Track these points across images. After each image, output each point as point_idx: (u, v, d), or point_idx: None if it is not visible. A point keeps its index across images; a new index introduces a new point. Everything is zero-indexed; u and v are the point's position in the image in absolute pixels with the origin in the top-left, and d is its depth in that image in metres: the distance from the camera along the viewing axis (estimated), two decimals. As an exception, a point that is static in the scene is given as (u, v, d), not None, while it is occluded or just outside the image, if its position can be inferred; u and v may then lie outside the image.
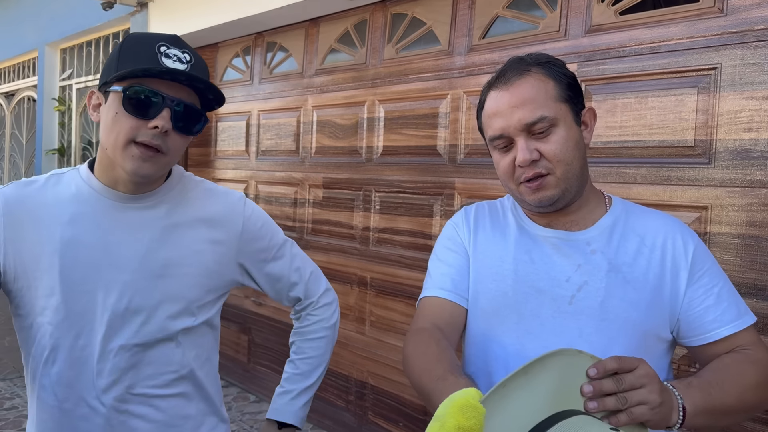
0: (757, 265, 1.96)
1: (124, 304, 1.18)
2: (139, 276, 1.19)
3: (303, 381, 1.42)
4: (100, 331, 1.18)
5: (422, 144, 3.04)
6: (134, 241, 1.19)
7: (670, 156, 2.15)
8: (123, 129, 1.10)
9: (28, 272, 1.16)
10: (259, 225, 1.35)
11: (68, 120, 6.34)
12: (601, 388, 0.84)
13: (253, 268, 1.36)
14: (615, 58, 2.29)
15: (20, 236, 1.16)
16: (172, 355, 1.25)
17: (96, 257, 1.17)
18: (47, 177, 1.22)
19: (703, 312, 1.10)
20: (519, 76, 1.09)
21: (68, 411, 1.19)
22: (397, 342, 3.17)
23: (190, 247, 1.24)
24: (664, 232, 1.14)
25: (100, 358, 1.18)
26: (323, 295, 1.46)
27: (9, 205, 1.16)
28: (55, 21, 6.08)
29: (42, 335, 1.18)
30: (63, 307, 1.16)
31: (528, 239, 1.18)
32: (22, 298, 1.18)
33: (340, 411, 3.48)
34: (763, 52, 1.94)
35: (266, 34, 4.05)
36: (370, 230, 3.32)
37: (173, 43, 1.13)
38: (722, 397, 0.99)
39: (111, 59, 1.14)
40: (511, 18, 2.69)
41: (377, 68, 3.28)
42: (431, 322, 1.17)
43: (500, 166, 1.14)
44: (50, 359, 1.18)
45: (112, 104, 1.12)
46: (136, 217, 1.20)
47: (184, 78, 1.10)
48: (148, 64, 1.08)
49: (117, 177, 1.18)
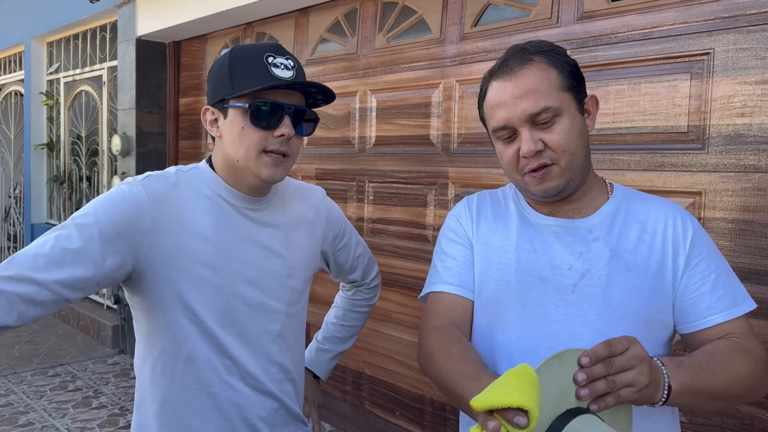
0: (751, 249, 1.97)
1: (264, 300, 1.29)
2: (267, 273, 1.29)
3: (341, 345, 1.65)
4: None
5: (415, 134, 3.03)
6: (264, 239, 1.29)
7: (664, 142, 2.15)
8: (253, 141, 1.19)
9: (167, 266, 1.19)
10: (338, 217, 1.50)
11: (56, 114, 6.28)
12: (593, 373, 0.85)
13: (330, 255, 1.52)
14: (607, 45, 2.28)
15: (164, 230, 1.18)
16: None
17: (236, 256, 1.24)
18: (175, 174, 1.25)
19: (698, 298, 1.10)
20: (521, 65, 1.08)
21: (214, 395, 1.26)
22: (392, 332, 3.18)
23: (298, 242, 1.36)
24: (664, 218, 1.14)
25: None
26: (374, 278, 1.67)
27: (157, 200, 1.18)
28: (42, 14, 6.01)
29: (180, 328, 1.22)
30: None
31: (530, 228, 1.18)
32: (152, 291, 1.21)
33: (336, 401, 3.49)
34: (755, 37, 1.94)
35: (255, 24, 4.02)
36: (364, 221, 3.31)
37: (278, 52, 1.20)
38: (711, 380, 0.99)
39: (221, 75, 1.21)
40: (503, 5, 2.67)
41: (368, 58, 3.26)
42: (448, 320, 1.17)
43: (504, 156, 1.13)
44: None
45: (235, 119, 1.20)
46: (263, 217, 1.30)
47: (299, 86, 1.20)
48: (262, 77, 1.16)
49: (244, 181, 1.25)
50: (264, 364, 1.29)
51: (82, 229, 1.10)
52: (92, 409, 3.84)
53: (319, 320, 3.49)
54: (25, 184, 6.68)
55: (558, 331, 1.09)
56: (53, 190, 6.47)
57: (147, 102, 4.70)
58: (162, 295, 1.19)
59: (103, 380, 4.35)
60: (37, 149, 6.46)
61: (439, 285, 1.22)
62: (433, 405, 3.01)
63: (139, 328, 1.27)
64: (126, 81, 4.74)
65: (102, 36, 5.49)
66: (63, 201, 6.27)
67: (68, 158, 6.14)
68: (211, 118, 1.26)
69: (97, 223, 1.11)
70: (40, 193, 6.59)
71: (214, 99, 1.24)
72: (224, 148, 1.24)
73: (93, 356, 4.86)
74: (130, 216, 1.14)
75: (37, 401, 3.93)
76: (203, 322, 1.21)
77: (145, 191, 1.17)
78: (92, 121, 5.70)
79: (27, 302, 1.04)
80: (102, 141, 5.51)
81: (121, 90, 4.81)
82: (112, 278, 1.15)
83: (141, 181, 1.19)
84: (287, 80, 1.17)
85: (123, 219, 1.13)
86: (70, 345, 5.13)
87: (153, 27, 4.47)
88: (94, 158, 5.69)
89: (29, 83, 6.43)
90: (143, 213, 1.15)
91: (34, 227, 6.50)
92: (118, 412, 3.79)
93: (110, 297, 5.37)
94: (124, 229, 1.13)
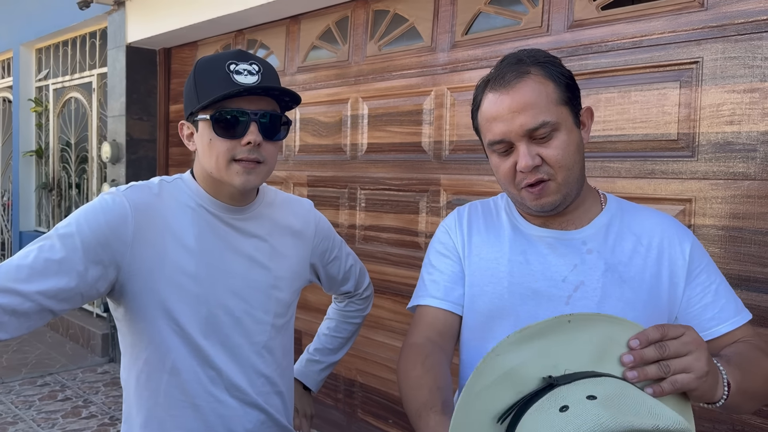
0: (741, 256, 1.98)
1: (249, 310, 1.28)
2: (252, 283, 1.28)
3: (333, 356, 1.65)
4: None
5: (407, 141, 3.04)
6: (248, 249, 1.28)
7: (654, 150, 2.17)
8: (221, 152, 1.18)
9: (150, 276, 1.18)
10: (326, 228, 1.50)
11: (45, 121, 6.23)
12: (642, 356, 0.81)
13: (320, 268, 1.50)
14: (597, 53, 2.30)
15: (147, 240, 1.17)
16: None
17: (219, 266, 1.23)
18: (158, 184, 1.25)
19: (702, 310, 1.11)
20: (518, 78, 1.06)
21: (199, 407, 1.25)
22: (385, 339, 3.17)
23: (284, 253, 1.35)
24: (660, 232, 1.14)
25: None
26: (367, 288, 1.67)
27: (139, 211, 1.17)
28: (30, 21, 5.97)
29: (163, 338, 1.21)
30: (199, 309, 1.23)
31: (522, 239, 1.17)
32: (135, 302, 1.20)
33: (329, 409, 3.47)
34: (743, 46, 1.96)
35: (246, 31, 4.01)
36: (356, 228, 3.31)
37: (240, 58, 1.18)
38: (752, 378, 0.98)
39: (189, 89, 1.22)
40: (494, 14, 2.69)
41: (360, 65, 3.27)
42: (424, 335, 1.16)
43: (500, 170, 1.11)
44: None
45: (203, 132, 1.20)
46: (246, 227, 1.29)
47: (261, 91, 1.17)
48: (224, 86, 1.15)
49: (223, 191, 1.25)
50: (250, 376, 1.28)
51: (64, 239, 1.10)
52: (82, 419, 3.80)
53: (311, 328, 3.48)
54: (13, 192, 6.63)
55: None
56: (42, 198, 6.42)
57: (137, 109, 4.68)
58: (145, 305, 1.19)
59: (92, 389, 4.31)
60: (26, 156, 6.41)
61: (425, 298, 1.21)
62: (425, 412, 3.00)
63: (124, 339, 1.26)
64: (116, 88, 4.72)
65: (92, 42, 5.47)
66: (52, 208, 6.23)
67: (57, 165, 6.10)
68: (187, 132, 1.26)
69: (80, 234, 1.11)
70: (29, 200, 6.54)
71: (186, 113, 1.24)
72: (200, 161, 1.25)
73: (82, 365, 4.82)
74: (112, 226, 1.14)
75: (26, 411, 3.89)
76: (187, 332, 1.20)
77: (128, 202, 1.16)
78: (82, 128, 5.67)
79: (10, 313, 1.03)
80: (91, 148, 5.48)
81: (111, 97, 4.79)
82: (96, 289, 1.14)
83: (124, 191, 1.19)
84: (248, 86, 1.15)
85: (105, 229, 1.13)
86: (59, 354, 5.08)
87: (143, 34, 4.46)
88: (84, 165, 5.65)
89: (18, 90, 6.39)
90: (125, 223, 1.15)
91: (23, 235, 6.45)
92: (108, 422, 3.75)
93: (100, 305, 5.33)
94: (106, 239, 1.13)
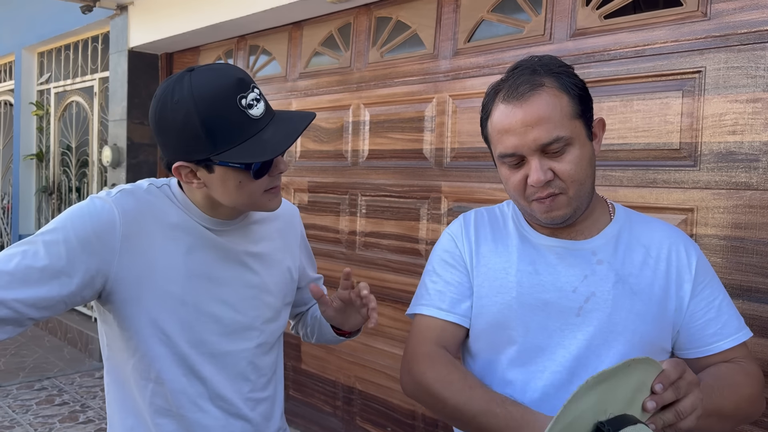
0: (743, 266, 1.98)
1: (239, 318, 1.25)
2: (241, 290, 1.26)
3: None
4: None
5: (408, 147, 3.04)
6: (237, 256, 1.25)
7: (656, 159, 2.16)
8: (255, 190, 1.14)
9: (138, 285, 1.15)
10: (303, 233, 1.48)
11: (46, 125, 6.24)
12: (663, 400, 0.87)
13: (302, 275, 1.46)
14: (600, 62, 2.30)
15: (135, 248, 1.14)
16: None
17: (208, 275, 1.20)
18: (147, 189, 1.20)
19: (705, 325, 1.10)
20: (532, 90, 1.03)
21: (183, 417, 1.23)
22: (384, 347, 3.16)
23: (274, 258, 1.33)
24: (668, 244, 1.13)
25: None
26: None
27: (128, 218, 1.13)
28: (33, 24, 5.98)
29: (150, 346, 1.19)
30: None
31: (531, 249, 1.15)
32: (122, 310, 1.16)
33: (327, 416, 3.46)
34: (746, 56, 1.96)
35: (249, 37, 4.02)
36: (356, 234, 3.30)
37: (243, 88, 1.09)
38: (722, 402, 1.00)
39: (191, 132, 1.07)
40: (496, 21, 2.69)
41: (362, 72, 3.27)
42: (439, 344, 1.15)
43: (510, 182, 1.09)
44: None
45: (228, 175, 1.11)
46: (235, 234, 1.25)
47: (283, 123, 1.12)
48: (246, 129, 1.08)
49: (222, 211, 1.21)
50: (237, 385, 1.25)
51: (49, 246, 1.06)
52: (79, 423, 3.78)
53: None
54: (13, 195, 6.62)
55: (563, 356, 1.07)
56: (42, 201, 6.42)
57: (138, 113, 4.68)
58: (132, 314, 1.15)
59: (90, 394, 4.29)
60: (26, 159, 6.41)
61: (430, 308, 1.19)
62: (424, 420, 2.99)
63: (110, 344, 1.23)
64: (117, 92, 4.73)
65: (94, 47, 5.48)
66: (52, 212, 6.22)
67: (58, 169, 6.10)
68: (186, 172, 1.14)
69: (66, 241, 1.07)
70: (29, 203, 6.53)
71: (188, 157, 1.10)
72: (209, 193, 1.17)
73: (80, 369, 4.80)
74: (99, 234, 1.09)
75: (23, 416, 3.87)
76: (173, 342, 1.17)
77: (117, 208, 1.12)
78: (82, 131, 5.67)
79: None
80: (92, 152, 5.47)
81: (113, 101, 4.79)
82: (81, 296, 1.11)
83: (114, 197, 1.14)
84: (266, 122, 1.10)
85: (92, 237, 1.09)
86: (56, 358, 5.06)
87: (145, 38, 4.47)
88: (84, 169, 5.65)
89: (19, 93, 6.39)
90: (113, 231, 1.11)
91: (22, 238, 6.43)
92: (105, 427, 3.73)
93: (98, 309, 5.31)
94: (93, 247, 1.09)
